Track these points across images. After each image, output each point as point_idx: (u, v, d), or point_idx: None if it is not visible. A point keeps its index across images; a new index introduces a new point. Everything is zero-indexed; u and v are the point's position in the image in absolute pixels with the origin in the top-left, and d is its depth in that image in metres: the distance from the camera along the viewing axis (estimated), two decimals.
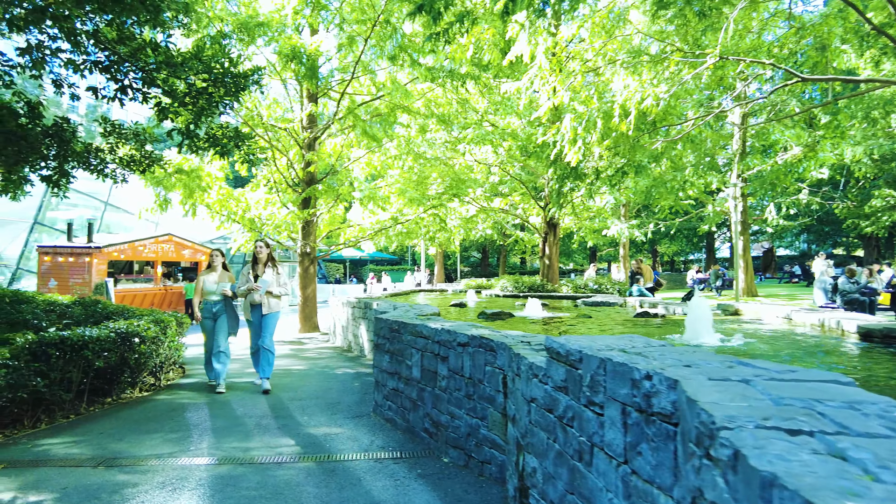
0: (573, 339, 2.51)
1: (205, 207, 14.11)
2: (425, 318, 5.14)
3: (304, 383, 7.47)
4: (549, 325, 6.56)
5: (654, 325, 6.47)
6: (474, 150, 13.59)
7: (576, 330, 5.88)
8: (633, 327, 6.35)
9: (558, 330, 6.05)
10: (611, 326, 6.38)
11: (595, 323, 6.65)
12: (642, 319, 7.03)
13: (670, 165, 9.85)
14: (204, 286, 7.37)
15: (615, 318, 7.51)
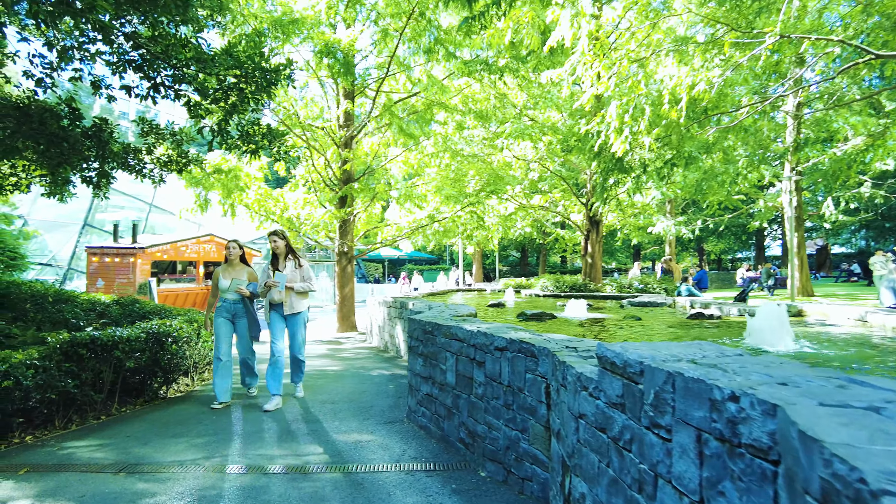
0: (631, 346, 2.13)
1: (244, 207, 14.16)
2: (460, 320, 4.81)
3: (338, 385, 7.25)
4: (594, 327, 6.13)
5: (709, 328, 5.97)
6: (513, 145, 13.20)
7: (625, 334, 5.45)
8: (688, 330, 5.87)
9: (605, 333, 5.63)
10: (663, 329, 5.91)
11: (645, 325, 6.19)
12: (696, 321, 6.52)
13: (722, 157, 9.21)
14: (219, 283, 6.41)
15: (666, 319, 7.01)
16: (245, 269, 6.50)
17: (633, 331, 5.65)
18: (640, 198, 19.81)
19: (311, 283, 6.34)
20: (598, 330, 5.79)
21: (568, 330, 5.73)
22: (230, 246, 6.55)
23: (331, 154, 13.88)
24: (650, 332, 5.67)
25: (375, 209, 16.80)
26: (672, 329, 5.87)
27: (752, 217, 33.74)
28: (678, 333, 5.45)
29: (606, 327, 5.97)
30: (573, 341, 3.44)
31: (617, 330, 5.73)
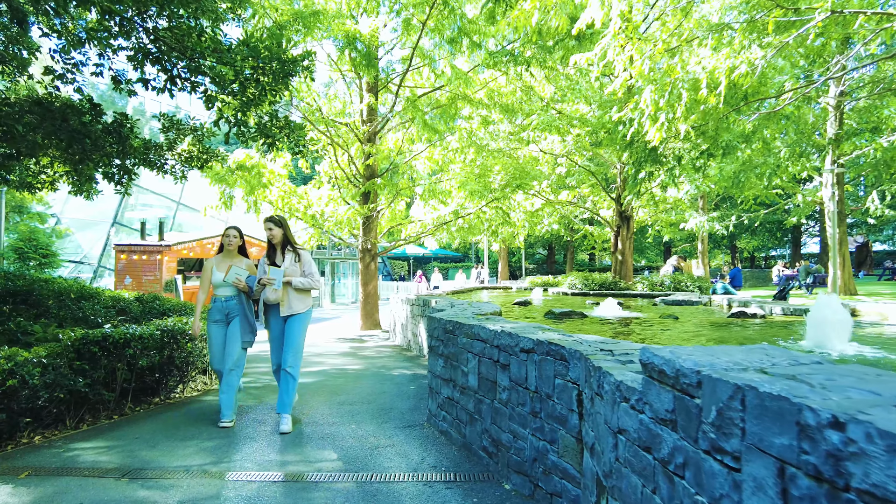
0: (682, 351, 1.78)
1: (268, 204, 14.07)
2: (483, 319, 4.49)
3: (358, 385, 7.00)
4: (628, 327, 5.74)
5: (754, 328, 5.52)
6: (539, 138, 12.81)
7: (665, 335, 5.04)
8: (730, 330, 5.44)
9: (642, 333, 5.24)
10: (704, 329, 5.48)
11: (684, 325, 5.77)
12: (738, 320, 6.07)
13: (761, 147, 8.67)
14: (211, 277, 5.36)
15: (705, 318, 6.57)
16: (244, 262, 5.49)
17: (672, 332, 5.25)
18: (673, 192, 19.17)
19: (315, 278, 5.29)
20: (633, 330, 5.40)
21: (600, 330, 5.36)
22: (229, 233, 5.52)
23: (354, 151, 13.67)
24: (690, 332, 5.26)
25: (399, 206, 16.57)
26: (714, 329, 5.45)
27: (788, 213, 32.49)
28: (722, 334, 5.02)
29: (642, 327, 5.57)
30: (608, 343, 3.09)
31: (655, 330, 5.33)
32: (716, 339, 4.69)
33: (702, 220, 20.04)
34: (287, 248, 5.37)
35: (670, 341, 4.63)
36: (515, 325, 3.90)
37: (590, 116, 12.96)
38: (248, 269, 5.45)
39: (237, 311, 5.35)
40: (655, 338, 4.83)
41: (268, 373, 8.18)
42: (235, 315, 5.33)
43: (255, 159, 12.82)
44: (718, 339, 4.76)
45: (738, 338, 4.78)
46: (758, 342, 4.49)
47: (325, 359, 9.52)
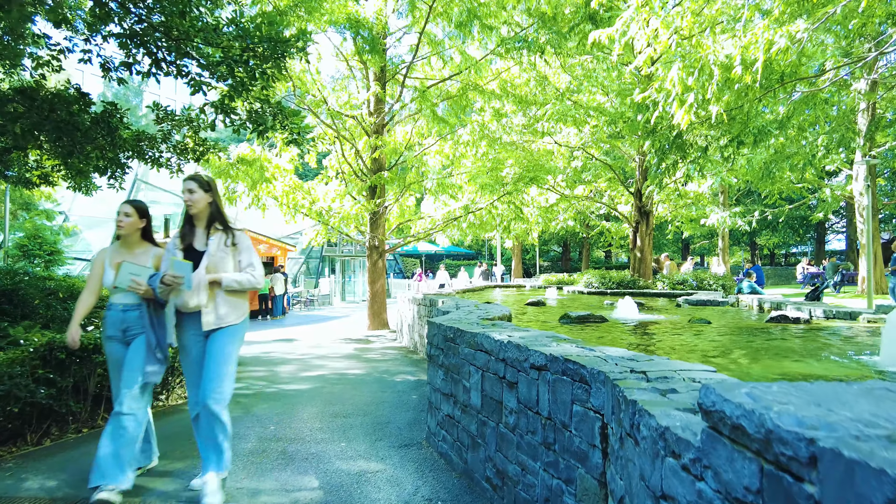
0: (770, 396, 1.18)
1: (273, 200, 13.60)
2: (489, 325, 3.90)
3: (356, 393, 6.45)
4: (656, 334, 5.11)
5: (803, 336, 4.86)
6: (554, 129, 12.17)
7: (698, 346, 4.40)
8: (775, 339, 4.78)
9: (674, 342, 4.60)
10: (744, 338, 4.83)
11: (719, 331, 5.12)
12: (778, 325, 5.41)
13: (796, 135, 7.95)
14: (103, 274, 3.69)
15: (739, 323, 5.92)
16: (150, 253, 3.78)
17: (706, 340, 4.60)
18: (693, 186, 18.41)
19: (256, 272, 3.60)
20: (660, 337, 4.77)
21: (624, 337, 4.74)
22: (123, 210, 3.71)
23: (362, 145, 13.14)
24: (729, 341, 4.61)
25: (409, 202, 16.02)
26: (755, 337, 4.79)
27: (812, 209, 31.37)
28: (769, 345, 4.36)
29: (670, 333, 4.94)
30: (639, 360, 2.50)
31: (686, 338, 4.68)
32: (765, 352, 4.05)
33: (723, 215, 19.21)
34: (215, 225, 3.59)
35: (709, 353, 4.01)
36: (525, 335, 3.31)
37: (608, 106, 12.28)
38: (156, 263, 3.71)
39: (138, 326, 3.57)
40: (690, 349, 4.20)
41: (264, 377, 7.69)
42: (136, 333, 3.57)
43: (258, 153, 12.33)
44: (766, 351, 4.12)
45: (790, 350, 4.13)
46: (826, 359, 3.86)
47: (327, 362, 9.00)
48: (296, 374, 7.96)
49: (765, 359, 3.69)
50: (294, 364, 8.85)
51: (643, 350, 4.11)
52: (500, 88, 13.62)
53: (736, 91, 5.59)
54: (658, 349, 4.16)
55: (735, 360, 3.71)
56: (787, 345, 4.34)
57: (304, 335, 12.95)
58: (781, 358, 3.69)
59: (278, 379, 7.53)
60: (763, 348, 4.17)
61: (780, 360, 3.65)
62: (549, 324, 5.64)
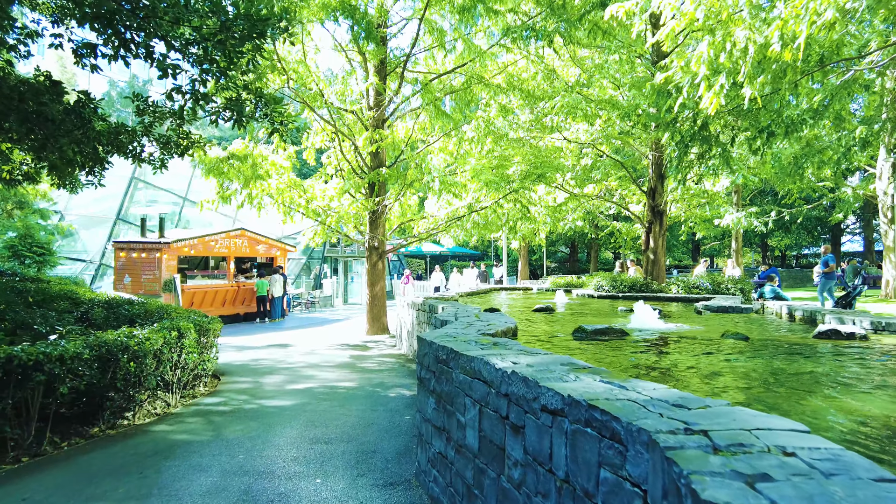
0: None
1: (268, 198, 12.97)
2: (489, 344, 3.21)
3: (343, 412, 5.78)
4: (694, 354, 4.38)
5: (863, 358, 4.11)
6: (563, 124, 11.47)
7: (743, 369, 3.66)
8: (832, 362, 4.05)
9: (714, 367, 3.88)
10: (795, 359, 4.07)
11: (760, 349, 4.39)
12: (828, 341, 4.67)
13: (832, 125, 7.18)
14: None
15: (778, 336, 5.19)
16: None
17: (755, 363, 3.86)
18: (708, 185, 17.64)
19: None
20: (697, 359, 4.03)
21: (652, 359, 4.01)
22: None
23: (362, 142, 12.49)
24: (781, 365, 3.86)
25: (411, 200, 15.36)
26: (810, 361, 4.04)
27: (828, 209, 30.41)
28: (839, 372, 3.59)
29: (706, 354, 4.19)
30: (691, 406, 1.81)
31: (730, 364, 3.91)
32: (842, 388, 3.31)
33: (739, 216, 18.41)
34: None
35: (766, 386, 3.30)
36: (534, 361, 2.63)
37: (621, 99, 11.57)
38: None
39: None
40: (739, 376, 3.47)
41: (247, 390, 7.04)
42: None
43: (250, 148, 11.69)
44: (841, 386, 3.37)
45: (871, 383, 3.39)
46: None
47: (318, 372, 8.34)
48: (282, 386, 7.30)
49: (847, 399, 2.97)
50: (282, 374, 8.19)
51: (680, 380, 3.41)
52: (507, 83, 12.92)
53: (773, 71, 4.87)
54: (699, 377, 3.46)
55: (809, 402, 2.98)
56: (861, 374, 3.59)
57: (300, 340, 12.31)
58: (869, 397, 2.96)
59: (262, 392, 6.87)
60: (833, 380, 3.42)
61: (867, 399, 2.94)
62: (560, 339, 4.93)
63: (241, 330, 14.79)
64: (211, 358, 7.33)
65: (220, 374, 8.24)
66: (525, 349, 3.05)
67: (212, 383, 7.59)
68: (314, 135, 13.69)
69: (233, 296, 17.82)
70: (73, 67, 47.99)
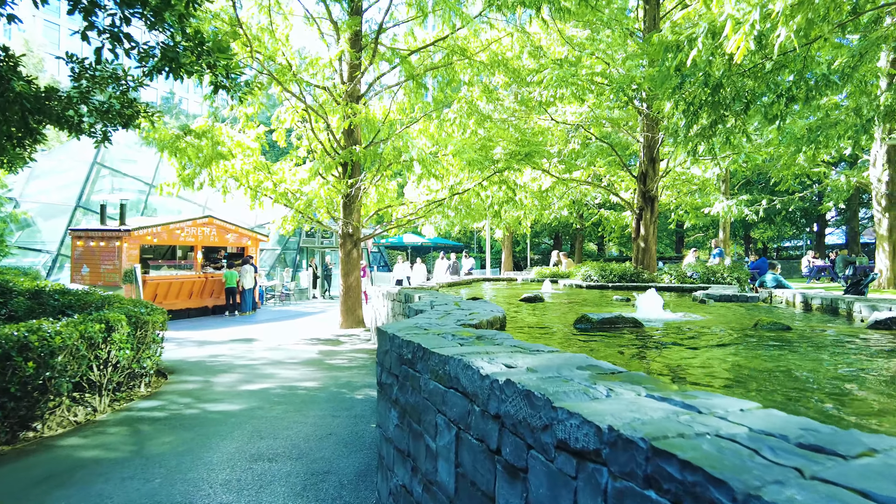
0: None
1: (234, 181, 11.95)
2: (470, 338, 2.33)
3: (299, 418, 4.88)
4: (717, 344, 3.54)
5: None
6: (553, 98, 10.61)
7: (819, 370, 2.80)
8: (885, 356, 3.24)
9: (782, 362, 3.02)
10: (868, 356, 3.22)
11: (812, 344, 3.55)
12: (887, 333, 3.85)
13: (856, 91, 6.40)
14: None
15: (822, 326, 4.38)
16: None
17: (826, 363, 2.98)
18: (698, 171, 16.97)
19: None
20: (761, 361, 3.15)
21: (688, 357, 3.13)
22: None
23: (335, 122, 11.52)
24: (856, 362, 3.02)
25: (390, 185, 14.42)
26: (858, 354, 3.22)
27: (817, 199, 30.00)
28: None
29: (751, 348, 3.31)
30: (840, 449, 0.95)
31: (789, 357, 3.03)
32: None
33: (729, 203, 17.77)
34: None
35: (872, 395, 2.46)
36: (537, 363, 1.75)
37: (614, 72, 10.74)
38: None
39: None
40: (832, 380, 2.62)
41: (193, 392, 6.09)
42: None
43: (210, 123, 10.67)
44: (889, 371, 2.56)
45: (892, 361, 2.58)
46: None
47: (279, 370, 7.42)
48: (234, 386, 6.37)
49: None
50: (238, 372, 7.26)
51: (751, 388, 2.56)
52: (490, 60, 12.02)
53: (814, 7, 4.06)
54: (777, 384, 2.61)
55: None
56: None
57: (268, 334, 11.36)
58: None
59: (208, 395, 5.94)
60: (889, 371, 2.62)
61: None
62: (559, 331, 4.07)
63: (207, 323, 13.77)
64: (152, 354, 6.36)
65: (168, 372, 7.29)
66: (521, 344, 2.18)
67: (156, 383, 6.63)
68: (284, 113, 12.68)
69: (200, 287, 16.72)
70: (40, 51, 45.86)
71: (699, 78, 5.63)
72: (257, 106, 12.25)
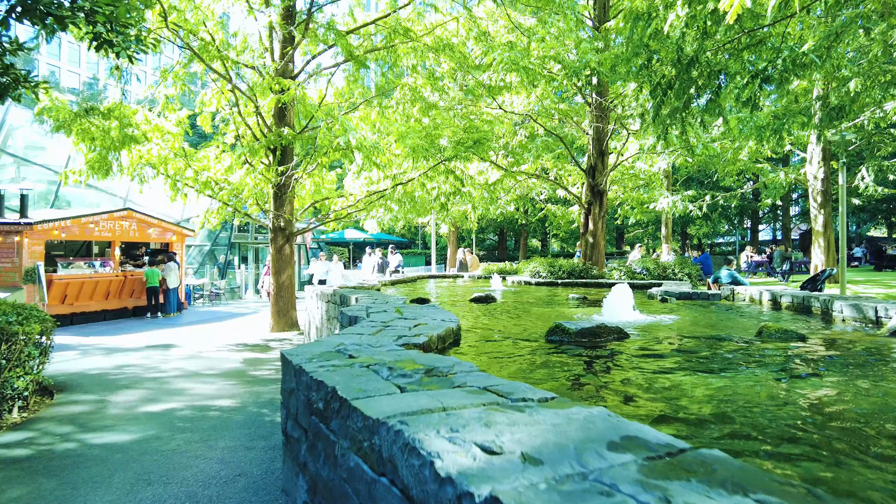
0: None
1: (150, 168, 10.65)
2: (417, 371, 1.52)
3: (203, 452, 3.94)
4: (726, 358, 2.86)
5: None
6: (503, 82, 9.93)
7: (873, 393, 2.13)
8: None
9: (839, 406, 2.35)
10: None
11: (844, 361, 2.93)
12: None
13: (830, 72, 5.99)
14: None
15: (840, 335, 3.81)
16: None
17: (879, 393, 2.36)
18: (644, 166, 16.77)
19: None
20: (842, 397, 2.43)
21: (712, 383, 2.41)
22: None
23: (266, 105, 10.43)
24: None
25: (328, 176, 13.40)
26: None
27: (752, 197, 30.82)
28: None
29: (793, 367, 2.63)
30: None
31: (838, 387, 2.39)
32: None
33: (674, 199, 17.73)
34: None
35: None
36: (535, 441, 0.97)
37: (569, 56, 10.17)
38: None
39: None
40: None
41: (79, 416, 5.01)
42: None
43: (116, 100, 9.38)
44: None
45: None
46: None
47: (193, 384, 6.38)
48: (133, 408, 5.32)
49: None
50: (144, 388, 6.18)
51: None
52: (435, 45, 11.20)
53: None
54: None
55: None
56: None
57: (190, 339, 10.18)
58: None
59: (98, 420, 4.88)
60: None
61: None
62: (525, 346, 3.30)
63: (124, 327, 12.38)
64: (27, 372, 5.22)
65: (57, 390, 6.12)
66: (494, 385, 1.39)
67: (35, 406, 5.49)
68: (210, 95, 11.45)
69: (118, 287, 15.10)
70: None
71: (671, 55, 5.03)
72: (178, 87, 11.02)
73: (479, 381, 1.46)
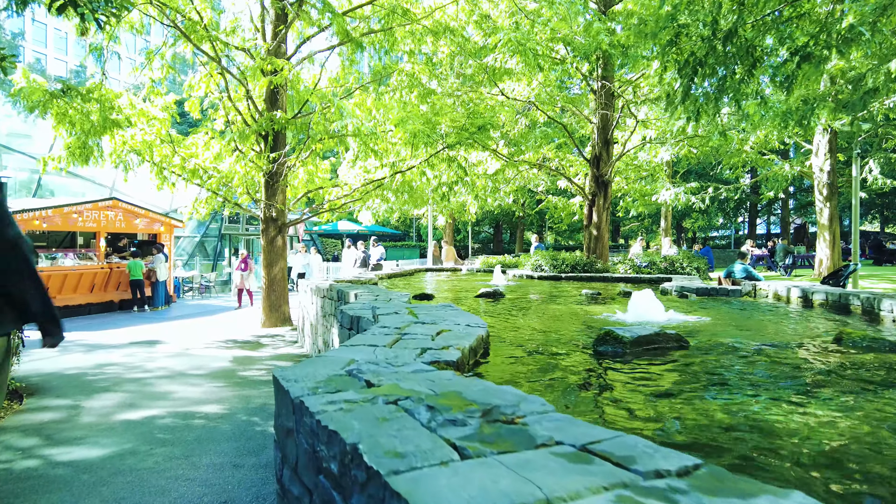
0: None
1: (135, 155, 10.06)
2: (471, 422, 1.05)
3: (184, 471, 3.46)
4: (840, 382, 2.39)
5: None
6: (508, 65, 9.40)
7: None
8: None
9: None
10: None
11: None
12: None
13: (878, 49, 5.52)
14: None
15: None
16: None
17: None
18: (647, 157, 16.35)
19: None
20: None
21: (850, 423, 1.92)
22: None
23: (257, 90, 9.87)
24: None
25: (322, 165, 12.84)
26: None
27: (749, 190, 30.46)
28: None
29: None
30: None
31: None
32: None
33: (678, 191, 17.30)
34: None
35: None
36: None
37: (580, 38, 9.65)
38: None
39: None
40: None
41: (48, 425, 4.50)
42: None
43: (96, 81, 8.79)
44: None
45: None
46: None
47: (178, 386, 5.88)
48: (109, 415, 4.82)
49: None
50: (124, 391, 5.67)
51: None
52: (434, 27, 10.65)
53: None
54: None
55: None
56: None
57: (177, 334, 9.66)
58: None
59: (67, 431, 4.37)
60: None
61: None
62: (567, 359, 2.78)
63: (109, 321, 11.82)
64: None
65: (28, 393, 5.60)
66: (607, 455, 0.93)
67: (2, 412, 4.97)
68: (199, 79, 10.85)
69: (104, 280, 14.48)
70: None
71: (703, 30, 4.55)
72: (165, 71, 10.43)
73: (566, 433, 0.98)
